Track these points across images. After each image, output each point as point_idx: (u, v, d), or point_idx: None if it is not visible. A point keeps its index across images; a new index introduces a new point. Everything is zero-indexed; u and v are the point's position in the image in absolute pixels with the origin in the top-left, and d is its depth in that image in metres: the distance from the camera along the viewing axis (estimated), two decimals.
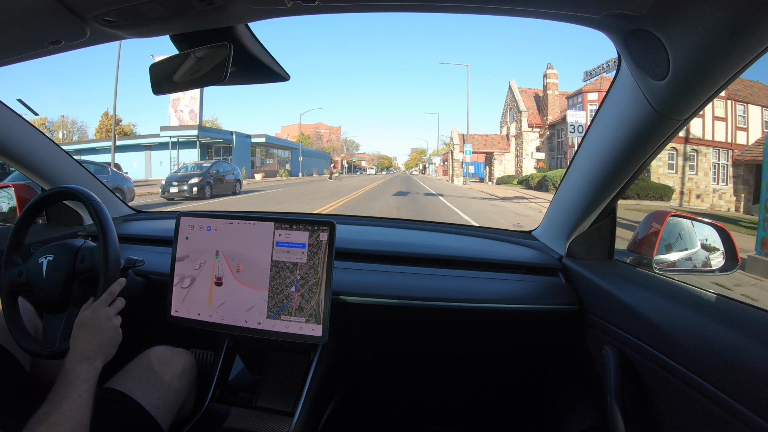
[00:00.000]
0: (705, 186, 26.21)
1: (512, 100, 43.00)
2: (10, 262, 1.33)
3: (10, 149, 1.67)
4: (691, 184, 26.14)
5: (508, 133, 43.29)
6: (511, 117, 43.21)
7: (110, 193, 2.19)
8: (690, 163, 26.26)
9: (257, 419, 1.35)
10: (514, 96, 42.36)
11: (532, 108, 40.88)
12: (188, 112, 40.25)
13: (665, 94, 0.91)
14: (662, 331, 1.03)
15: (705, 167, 26.26)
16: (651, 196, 21.78)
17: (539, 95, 41.19)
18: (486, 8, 0.89)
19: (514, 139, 41.98)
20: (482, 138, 44.22)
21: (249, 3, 0.88)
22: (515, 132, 41.78)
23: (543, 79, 40.03)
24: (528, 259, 1.62)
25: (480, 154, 44.76)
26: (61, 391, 0.98)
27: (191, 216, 1.41)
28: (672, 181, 25.32)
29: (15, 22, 0.95)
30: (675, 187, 24.67)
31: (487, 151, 44.00)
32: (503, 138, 44.13)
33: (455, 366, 1.94)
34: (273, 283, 1.31)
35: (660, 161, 25.51)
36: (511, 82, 43.33)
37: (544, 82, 39.71)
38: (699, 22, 0.73)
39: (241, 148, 42.57)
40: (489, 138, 44.57)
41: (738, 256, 1.39)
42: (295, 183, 36.20)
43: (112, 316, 1.17)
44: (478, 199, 21.27)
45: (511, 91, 43.34)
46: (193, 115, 40.09)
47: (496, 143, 43.86)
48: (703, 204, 25.53)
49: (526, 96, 41.92)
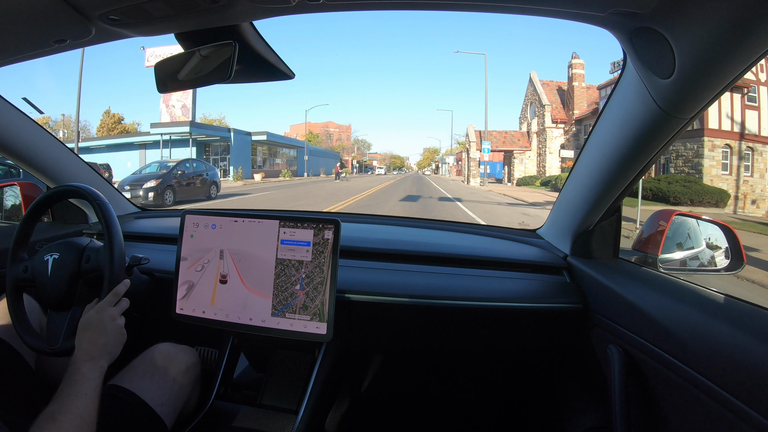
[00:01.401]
0: (761, 190, 22.40)
1: (533, 93, 39.45)
2: (16, 258, 1.34)
3: (16, 148, 1.68)
4: (746, 188, 22.26)
5: (529, 130, 39.10)
6: (532, 112, 39.62)
7: (116, 192, 2.20)
8: (745, 163, 22.62)
9: (261, 417, 1.35)
10: (535, 89, 38.74)
11: (555, 102, 37.45)
12: (180, 108, 36.73)
13: (671, 92, 0.91)
14: (667, 331, 1.03)
15: (761, 168, 22.70)
16: (705, 201, 19.17)
17: (562, 88, 37.72)
18: (492, 6, 0.88)
19: (536, 136, 38.27)
20: (501, 135, 39.89)
21: (254, 1, 0.88)
22: (537, 128, 38.08)
23: (568, 69, 36.15)
24: (533, 258, 1.62)
25: (498, 152, 40.55)
26: (68, 390, 0.99)
27: (196, 214, 1.41)
28: (726, 183, 21.87)
29: (21, 20, 0.96)
30: (729, 190, 21.14)
31: (507, 149, 39.88)
32: (523, 135, 40.03)
33: (459, 364, 1.94)
34: (278, 281, 1.31)
35: (713, 161, 22.29)
36: (532, 74, 39.87)
37: (570, 72, 35.76)
38: (705, 20, 0.73)
39: (240, 147, 39.54)
40: (508, 135, 40.27)
41: (743, 256, 1.38)
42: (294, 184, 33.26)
43: (116, 317, 1.17)
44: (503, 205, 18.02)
45: (531, 84, 39.87)
46: (186, 110, 36.48)
47: (516, 140, 39.77)
48: (759, 211, 21.51)
49: (549, 89, 38.37)
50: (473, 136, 39.60)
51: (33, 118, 1.70)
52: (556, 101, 37.55)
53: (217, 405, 1.39)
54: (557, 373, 1.71)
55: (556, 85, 38.67)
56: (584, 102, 35.43)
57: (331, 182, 37.11)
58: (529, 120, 39.41)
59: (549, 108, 36.56)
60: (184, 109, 36.33)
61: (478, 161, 37.12)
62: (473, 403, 2.00)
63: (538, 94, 37.94)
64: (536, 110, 38.24)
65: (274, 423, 1.32)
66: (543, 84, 38.47)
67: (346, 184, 32.96)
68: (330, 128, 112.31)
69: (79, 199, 1.78)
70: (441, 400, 2.01)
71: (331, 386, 1.47)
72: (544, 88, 38.01)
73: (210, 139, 38.21)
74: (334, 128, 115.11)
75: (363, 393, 1.95)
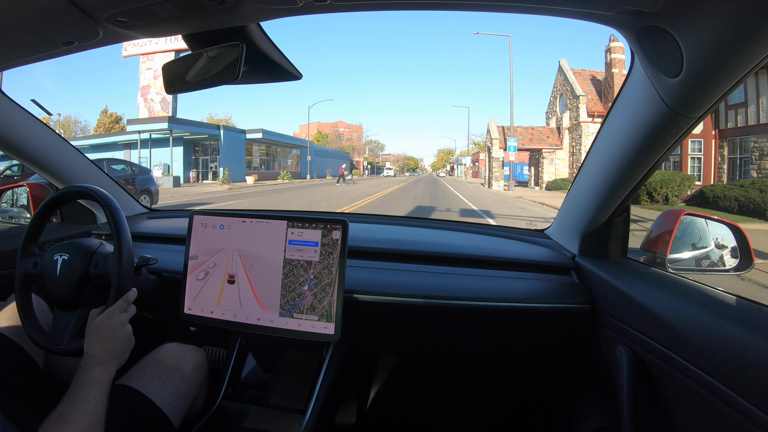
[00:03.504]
0: None
1: (564, 83, 32.98)
2: (26, 252, 1.35)
3: (26, 149, 1.69)
4: None
5: (560, 125, 32.79)
6: (562, 105, 33.20)
7: (124, 192, 2.21)
8: None
9: (269, 417, 1.36)
10: (566, 78, 32.32)
11: (590, 93, 31.10)
12: (160, 102, 31.26)
13: (679, 91, 0.90)
14: (676, 331, 1.02)
15: None
16: None
17: (597, 77, 31.70)
18: (499, 5, 0.88)
19: (568, 132, 31.96)
20: (527, 131, 33.47)
21: (261, 2, 0.88)
22: (569, 123, 31.83)
23: (606, 55, 29.89)
24: (541, 258, 1.62)
25: (523, 151, 34.29)
26: (77, 392, 1.00)
27: (204, 214, 1.42)
28: None
29: (29, 23, 0.96)
30: None
31: (534, 148, 33.45)
32: (553, 131, 33.73)
33: (467, 364, 1.94)
34: (286, 281, 1.32)
35: None
36: (562, 62, 33.45)
37: (608, 58, 29.65)
38: (712, 18, 0.72)
39: (232, 146, 35.88)
40: (535, 131, 33.80)
41: (752, 255, 1.37)
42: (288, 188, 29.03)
43: (126, 323, 1.18)
44: (551, 220, 9.66)
45: (561, 74, 33.49)
46: (166, 104, 30.95)
47: (545, 137, 33.39)
48: None
49: (581, 78, 31.98)
50: (495, 132, 33.71)
51: (41, 119, 1.72)
52: (592, 92, 31.44)
53: (224, 405, 1.40)
54: (565, 373, 1.70)
55: (590, 74, 32.62)
56: None
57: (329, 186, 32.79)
58: (559, 114, 33.45)
59: (584, 99, 30.36)
60: (164, 103, 31.18)
61: (502, 161, 32.77)
62: (480, 403, 1.99)
63: (570, 84, 31.79)
64: (568, 103, 32.37)
65: (282, 423, 1.32)
66: (575, 73, 32.30)
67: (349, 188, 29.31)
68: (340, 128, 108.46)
69: (90, 200, 1.79)
70: (449, 400, 2.01)
71: (338, 386, 1.47)
72: (577, 77, 31.91)
73: (197, 137, 34.82)
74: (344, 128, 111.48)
75: (370, 393, 1.96)
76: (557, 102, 34.25)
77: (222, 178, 31.20)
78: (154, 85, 31.11)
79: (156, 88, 30.77)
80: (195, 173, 35.53)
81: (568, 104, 32.02)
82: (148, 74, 31.75)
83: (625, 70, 24.60)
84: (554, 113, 34.46)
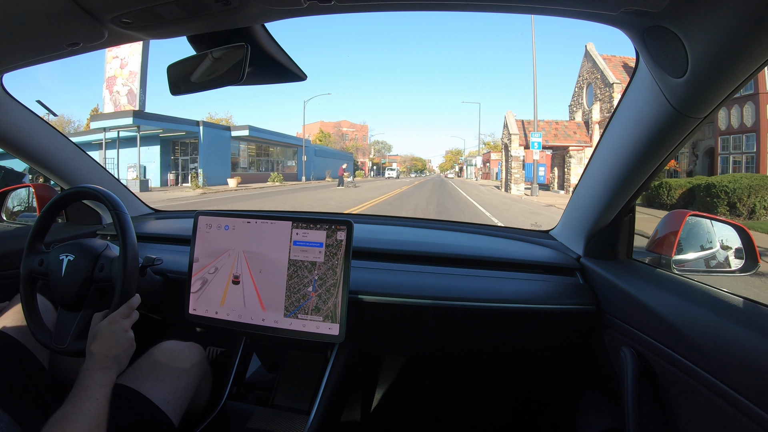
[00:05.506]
0: None
1: (592, 71, 28.45)
2: (32, 249, 1.35)
3: (32, 150, 1.70)
4: None
5: (588, 119, 28.22)
6: (590, 96, 28.63)
7: (129, 193, 2.22)
8: None
9: (274, 417, 1.36)
10: (595, 65, 27.91)
11: (623, 81, 25.54)
12: (126, 94, 25.69)
13: (684, 91, 0.90)
14: (681, 333, 1.02)
15: None
16: None
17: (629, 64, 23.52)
18: (503, 6, 0.88)
19: (598, 126, 26.84)
20: (550, 126, 28.41)
21: (265, 3, 0.88)
22: (600, 117, 26.96)
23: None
24: (546, 259, 1.61)
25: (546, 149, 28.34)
26: (80, 394, 1.01)
27: (209, 215, 1.42)
28: None
29: (35, 24, 0.97)
30: None
31: (558, 146, 28.17)
32: (580, 126, 28.65)
33: (471, 365, 1.94)
34: (290, 281, 1.32)
35: None
36: (589, 47, 28.80)
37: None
38: (717, 18, 0.72)
39: (216, 145, 31.67)
40: (560, 126, 28.67)
41: (758, 257, 1.37)
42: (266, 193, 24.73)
43: (128, 329, 1.19)
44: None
45: (589, 60, 28.93)
46: (132, 96, 25.53)
47: (571, 133, 28.21)
48: None
49: (612, 65, 27.34)
50: (514, 127, 28.47)
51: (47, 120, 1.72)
52: (624, 80, 25.36)
53: (229, 405, 1.40)
54: (570, 374, 1.70)
55: (621, 61, 27.82)
56: None
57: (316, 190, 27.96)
58: (586, 107, 28.96)
59: (619, 87, 25.69)
60: (131, 96, 25.73)
61: (522, 161, 27.92)
62: (485, 404, 1.99)
63: (600, 70, 27.34)
64: (598, 92, 27.67)
65: (286, 423, 1.32)
66: (604, 59, 27.77)
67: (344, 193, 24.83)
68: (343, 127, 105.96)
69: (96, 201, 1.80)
70: (453, 400, 2.01)
71: (343, 387, 1.47)
72: (608, 64, 27.39)
73: (173, 134, 30.44)
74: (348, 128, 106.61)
75: (375, 393, 1.96)
76: (584, 92, 29.75)
77: (194, 181, 27.90)
78: (120, 76, 26.03)
79: (122, 78, 25.91)
80: (174, 175, 32.23)
81: (598, 94, 27.56)
82: (114, 63, 26.28)
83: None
84: (580, 106, 30.08)
